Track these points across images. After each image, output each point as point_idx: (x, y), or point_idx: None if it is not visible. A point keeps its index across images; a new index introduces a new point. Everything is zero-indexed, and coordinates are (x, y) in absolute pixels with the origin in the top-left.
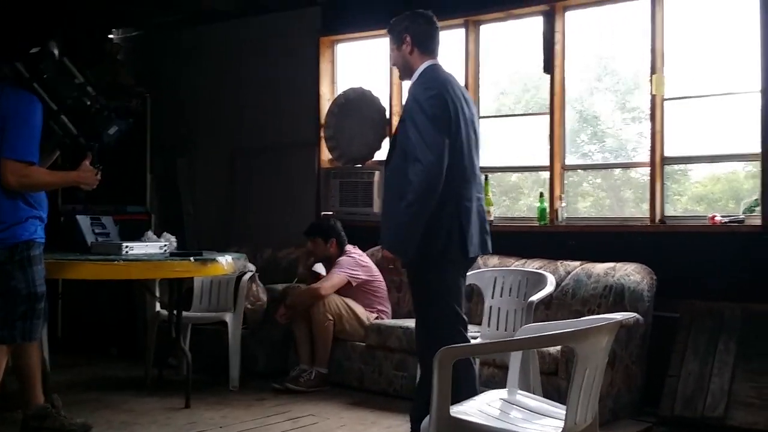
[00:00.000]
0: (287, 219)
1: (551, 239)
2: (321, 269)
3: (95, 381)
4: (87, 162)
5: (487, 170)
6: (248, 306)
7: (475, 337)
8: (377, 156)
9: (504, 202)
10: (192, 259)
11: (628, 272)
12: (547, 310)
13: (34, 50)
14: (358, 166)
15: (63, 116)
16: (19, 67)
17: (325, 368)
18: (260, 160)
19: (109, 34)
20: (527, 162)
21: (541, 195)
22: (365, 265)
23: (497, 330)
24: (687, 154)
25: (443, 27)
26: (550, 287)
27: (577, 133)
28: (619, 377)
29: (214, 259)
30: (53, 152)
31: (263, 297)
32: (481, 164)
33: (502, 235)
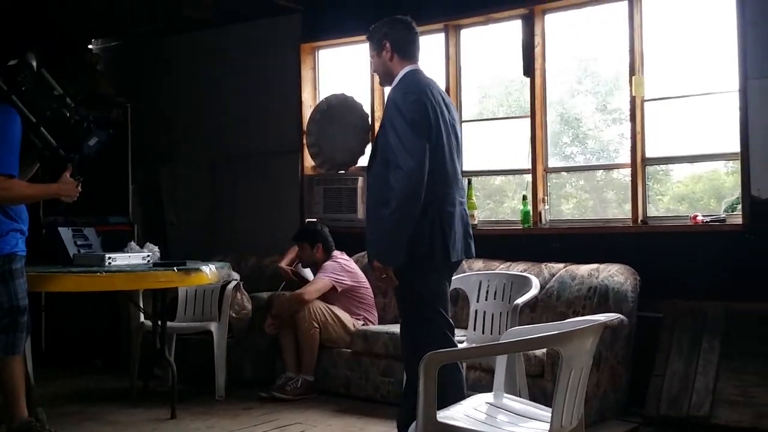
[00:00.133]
0: (271, 227)
1: (535, 242)
2: (309, 274)
3: (79, 393)
4: (67, 174)
5: (471, 174)
6: (233, 315)
7: (461, 341)
8: (360, 162)
9: (488, 205)
10: (175, 269)
11: (612, 273)
12: (533, 313)
13: (12, 62)
14: (342, 172)
15: (42, 128)
16: None
17: (311, 376)
18: (243, 168)
19: (88, 44)
20: (510, 165)
21: (525, 198)
22: (351, 271)
23: (483, 334)
24: (668, 155)
25: (423, 32)
26: (534, 290)
27: (558, 135)
28: (604, 378)
29: (198, 269)
30: (33, 164)
31: (248, 305)
32: (464, 168)
33: (487, 238)
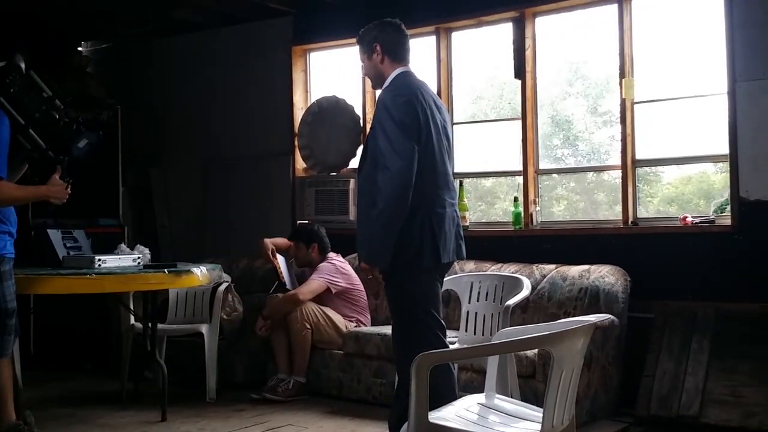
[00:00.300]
0: (263, 229)
1: (526, 243)
2: (282, 264)
3: (69, 396)
4: (56, 176)
5: (462, 176)
6: (224, 317)
7: (453, 343)
8: (352, 164)
9: (479, 207)
10: (166, 270)
11: (603, 274)
12: (524, 314)
13: (1, 64)
14: (333, 174)
15: (31, 130)
16: None
17: (303, 377)
18: (234, 170)
19: (78, 46)
20: (501, 167)
21: (516, 199)
22: (346, 273)
23: (475, 335)
24: (658, 157)
25: (414, 34)
26: (526, 291)
27: (549, 137)
28: (595, 378)
29: (188, 271)
30: (21, 166)
31: (239, 307)
32: (456, 170)
33: (478, 240)
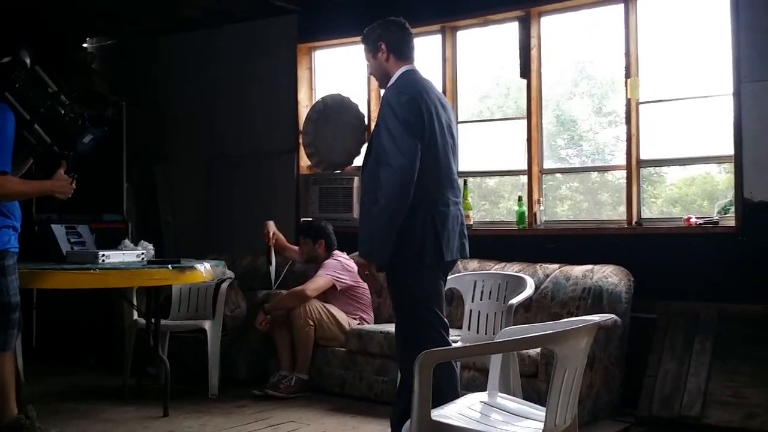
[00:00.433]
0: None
1: (530, 242)
2: (272, 257)
3: (72, 391)
4: (61, 171)
5: (466, 174)
6: (227, 313)
7: (456, 341)
8: (356, 162)
9: (483, 206)
10: (170, 266)
11: (606, 274)
12: (527, 313)
13: (6, 59)
14: (338, 172)
15: (36, 125)
16: None
17: (305, 374)
18: (238, 167)
19: (83, 43)
20: (506, 166)
21: (520, 199)
22: (351, 270)
23: (477, 333)
24: (662, 157)
25: (420, 33)
26: (529, 290)
27: (554, 137)
28: (598, 378)
29: (192, 267)
30: (26, 161)
31: (242, 304)
32: (460, 169)
33: (482, 239)
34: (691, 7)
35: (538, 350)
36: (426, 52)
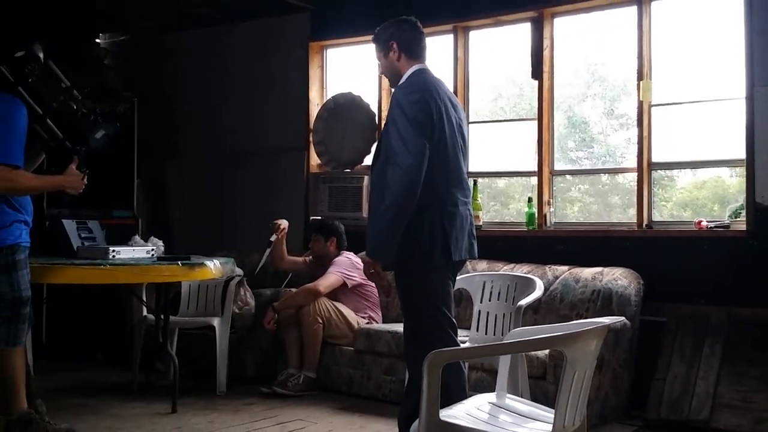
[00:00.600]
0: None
1: (539, 244)
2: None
3: (81, 386)
4: (73, 166)
5: (477, 175)
6: (236, 310)
7: (464, 342)
8: (366, 161)
9: (493, 206)
10: (180, 263)
11: (616, 277)
12: (536, 315)
13: (19, 54)
14: (347, 170)
15: (49, 120)
16: (4, 70)
17: (313, 372)
18: (249, 165)
19: (96, 38)
20: (516, 167)
21: (530, 200)
22: (360, 268)
23: (486, 334)
24: (674, 160)
25: (432, 33)
26: (538, 292)
27: (565, 138)
28: (606, 381)
29: (202, 264)
30: (38, 156)
31: (251, 301)
32: (470, 169)
33: (491, 239)
34: (705, 11)
35: (547, 352)
36: (438, 52)
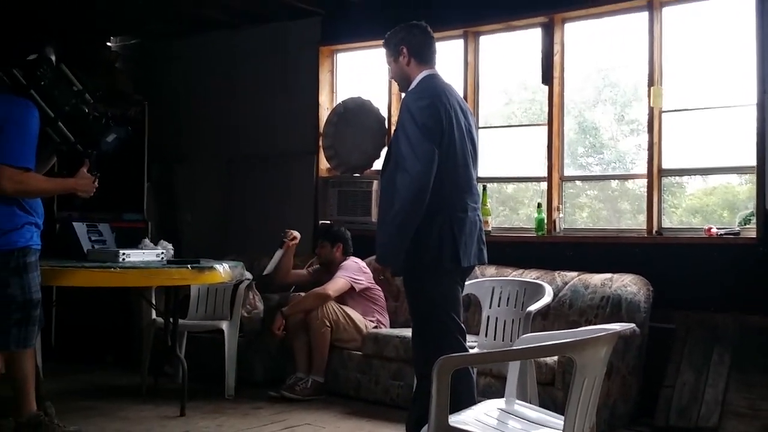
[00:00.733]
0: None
1: (549, 250)
2: (277, 255)
3: (90, 389)
4: (84, 169)
5: (486, 180)
6: (245, 314)
7: (473, 347)
8: (376, 165)
9: (503, 211)
10: (189, 266)
11: (625, 283)
12: (544, 321)
13: (32, 57)
14: (357, 175)
15: (60, 123)
16: (17, 73)
17: (321, 377)
18: (258, 169)
19: (107, 41)
20: (526, 172)
21: (539, 206)
22: (366, 272)
23: (495, 340)
24: (684, 166)
25: (442, 38)
26: (547, 297)
27: (575, 144)
28: (615, 388)
29: (211, 267)
30: (50, 159)
31: (260, 305)
32: (480, 174)
33: (500, 245)
34: (716, 17)
35: (556, 358)
36: (448, 57)
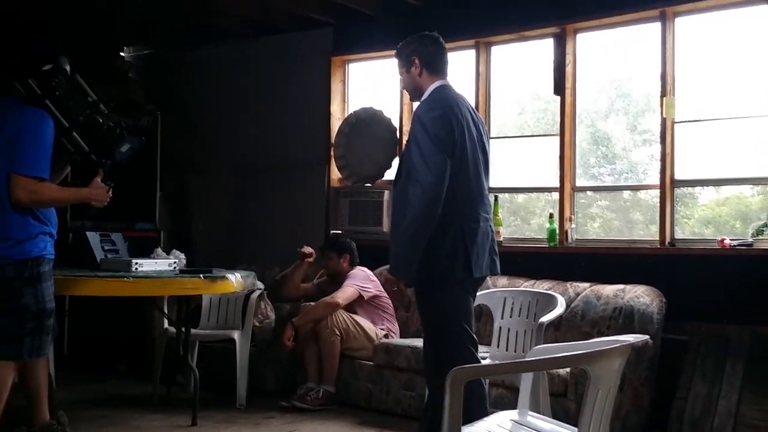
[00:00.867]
0: (296, 237)
1: (561, 260)
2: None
3: (102, 398)
4: (98, 179)
5: (498, 191)
6: (256, 324)
7: (484, 358)
8: (387, 175)
9: (514, 221)
10: (202, 276)
11: (638, 294)
12: (556, 332)
13: (47, 67)
14: (368, 185)
15: (75, 133)
16: (32, 83)
17: (332, 387)
18: (270, 178)
19: (120, 51)
20: (538, 183)
21: (551, 216)
22: (374, 281)
23: (507, 351)
24: (697, 177)
25: (454, 48)
26: (560, 308)
27: (587, 154)
28: (627, 399)
29: (224, 277)
30: (64, 169)
31: (272, 315)
32: (492, 184)
33: (512, 255)
34: (729, 27)
35: (568, 369)
36: (460, 67)
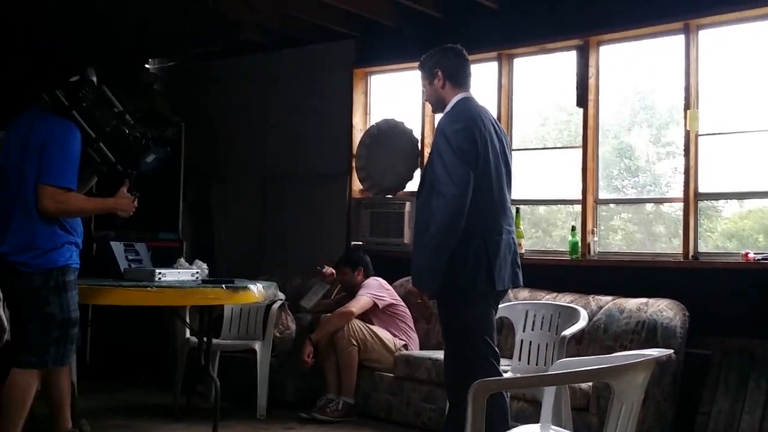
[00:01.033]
0: (318, 248)
1: (583, 273)
2: (319, 290)
3: (123, 407)
4: (124, 189)
5: (520, 203)
6: (277, 334)
7: (506, 371)
8: (408, 187)
9: (535, 233)
10: (224, 286)
11: (661, 308)
12: (578, 345)
13: (74, 78)
14: (389, 196)
15: (101, 144)
16: (59, 94)
17: (352, 398)
18: (292, 189)
19: (146, 63)
20: (560, 195)
21: (573, 228)
22: (389, 289)
23: (528, 364)
24: (721, 190)
25: (476, 60)
26: (582, 322)
27: (610, 166)
28: (650, 414)
29: (245, 287)
30: (91, 179)
31: (292, 326)
32: (514, 197)
33: (534, 267)
34: (753, 40)
35: (591, 383)
36: (482, 80)
